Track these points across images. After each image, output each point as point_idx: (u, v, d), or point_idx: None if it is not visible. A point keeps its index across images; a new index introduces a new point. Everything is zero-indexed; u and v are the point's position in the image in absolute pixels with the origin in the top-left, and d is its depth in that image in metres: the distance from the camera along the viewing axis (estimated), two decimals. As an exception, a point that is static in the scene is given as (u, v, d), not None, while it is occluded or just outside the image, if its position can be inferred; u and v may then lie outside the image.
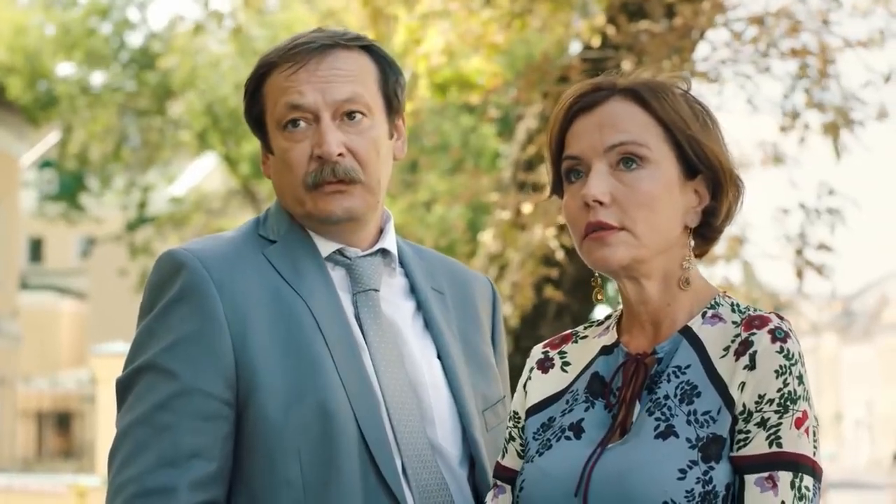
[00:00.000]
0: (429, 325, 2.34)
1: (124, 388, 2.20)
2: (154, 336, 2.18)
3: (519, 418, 2.25)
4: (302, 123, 2.25)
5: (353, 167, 2.25)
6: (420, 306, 2.35)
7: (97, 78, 24.98)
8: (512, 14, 7.28)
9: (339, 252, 2.30)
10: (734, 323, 2.09)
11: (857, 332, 76.48)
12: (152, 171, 25.90)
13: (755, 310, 2.10)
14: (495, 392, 2.39)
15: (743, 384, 2.04)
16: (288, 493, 2.13)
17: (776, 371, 2.02)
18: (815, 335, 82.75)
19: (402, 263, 2.39)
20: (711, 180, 2.13)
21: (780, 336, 2.04)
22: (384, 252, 2.34)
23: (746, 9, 7.24)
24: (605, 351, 2.20)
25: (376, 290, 2.29)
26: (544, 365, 2.27)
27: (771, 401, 2.01)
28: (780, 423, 2.00)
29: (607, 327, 2.25)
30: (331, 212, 2.25)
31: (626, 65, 6.82)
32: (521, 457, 2.22)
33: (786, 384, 2.01)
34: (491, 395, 2.37)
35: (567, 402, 2.20)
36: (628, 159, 2.09)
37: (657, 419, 2.07)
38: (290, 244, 2.27)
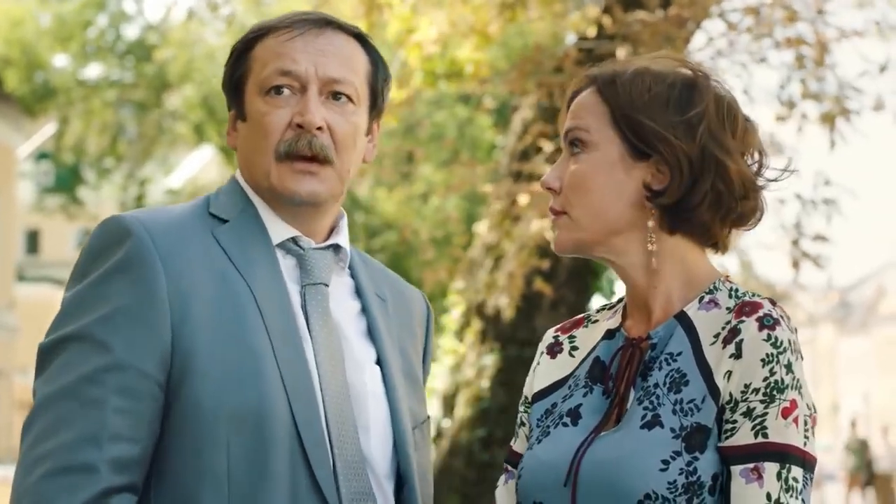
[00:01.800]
0: (371, 329, 2.23)
1: (48, 355, 2.04)
2: (87, 304, 2.04)
3: (529, 403, 2.24)
4: (286, 91, 2.15)
5: (329, 145, 2.15)
6: (364, 309, 2.24)
7: (93, 70, 24.99)
8: (504, 4, 7.27)
9: (293, 240, 2.18)
10: (727, 309, 2.07)
11: (853, 324, 76.54)
12: (149, 163, 25.89)
13: (753, 295, 2.08)
14: (423, 411, 2.28)
15: (729, 373, 2.01)
16: (212, 486, 2.00)
17: (762, 360, 1.99)
18: (811, 326, 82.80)
19: (349, 265, 2.28)
20: (666, 162, 2.08)
21: (768, 324, 2.01)
22: (336, 248, 2.23)
23: (742, -1, 7.24)
24: (608, 335, 2.19)
25: (326, 285, 2.17)
26: (553, 350, 2.26)
27: (756, 390, 1.99)
28: (766, 413, 1.97)
29: (616, 311, 2.23)
30: (294, 191, 2.14)
31: (621, 54, 6.81)
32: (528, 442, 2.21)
33: (772, 373, 1.98)
34: (419, 414, 2.25)
35: (569, 387, 2.19)
36: (573, 144, 2.13)
37: (645, 408, 2.06)
38: (242, 226, 2.15)
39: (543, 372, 2.25)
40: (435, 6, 7.24)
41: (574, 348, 2.24)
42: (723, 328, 2.05)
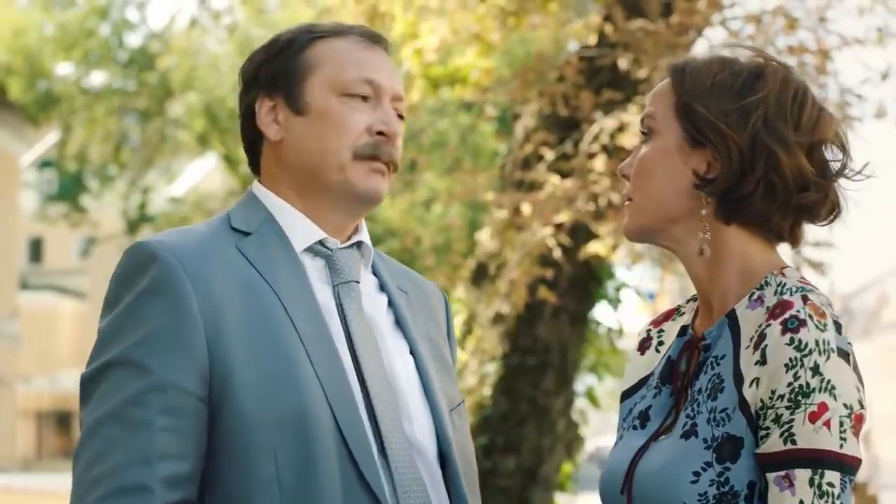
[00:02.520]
0: (399, 321, 2.31)
1: (90, 384, 2.11)
2: (123, 330, 2.10)
3: (621, 402, 2.25)
4: (367, 99, 2.25)
5: (397, 153, 2.28)
6: (390, 303, 2.32)
7: (96, 78, 25.02)
8: (506, 12, 7.28)
9: (321, 243, 2.25)
10: (767, 308, 2.02)
11: (856, 331, 76.45)
12: (152, 172, 25.91)
13: (795, 291, 2.02)
14: (457, 394, 2.36)
15: (757, 380, 1.98)
16: (263, 491, 2.06)
17: (786, 365, 1.95)
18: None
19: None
20: (719, 150, 2.07)
21: (791, 326, 1.96)
22: (360, 245, 2.31)
23: (744, 7, 7.25)
24: (682, 332, 2.18)
25: (357, 282, 2.26)
26: (644, 345, 2.26)
27: (782, 396, 1.94)
28: (793, 420, 1.94)
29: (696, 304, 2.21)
30: (369, 188, 2.23)
31: (623, 63, 6.83)
32: None
33: (796, 377, 1.94)
34: (454, 397, 2.32)
35: (647, 386, 2.20)
36: (644, 132, 2.16)
37: (687, 416, 2.05)
38: (264, 237, 2.22)
39: (631, 369, 2.27)
40: (437, 14, 7.25)
41: (661, 343, 2.24)
42: (756, 331, 2.02)
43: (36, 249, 45.64)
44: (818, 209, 2.11)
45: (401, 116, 2.31)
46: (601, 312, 8.51)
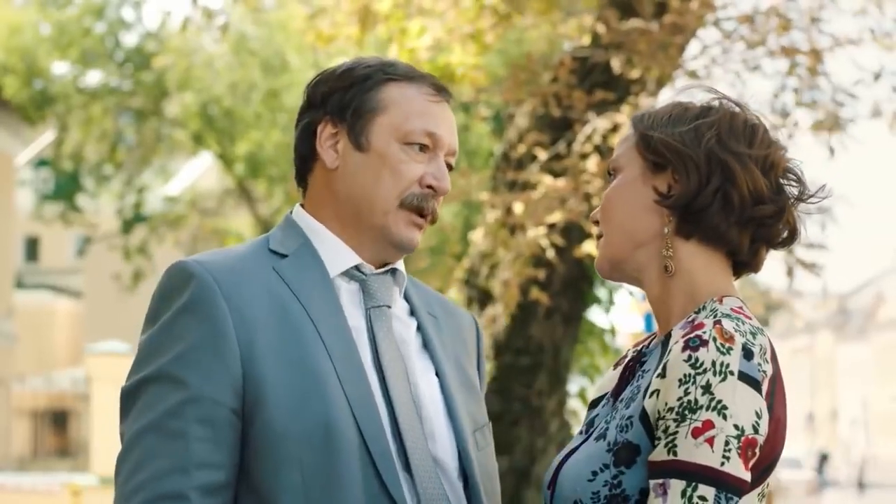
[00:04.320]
0: (426, 344, 2.40)
1: (130, 398, 2.24)
2: (161, 346, 2.22)
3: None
4: (425, 150, 2.34)
5: (439, 206, 2.38)
6: (419, 327, 2.41)
7: (92, 77, 25.00)
8: (499, 14, 7.28)
9: (356, 268, 2.34)
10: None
11: (852, 331, 76.55)
12: (147, 171, 25.90)
13: (716, 315, 2.10)
14: (482, 416, 2.44)
15: (657, 392, 2.07)
16: (291, 500, 2.17)
17: (679, 380, 2.03)
18: (810, 333, 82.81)
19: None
20: (677, 168, 2.17)
21: (693, 345, 2.04)
22: (394, 272, 2.40)
23: (737, 7, 7.26)
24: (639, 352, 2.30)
25: (389, 307, 2.35)
26: (619, 362, 2.36)
27: (671, 409, 2.03)
28: (677, 432, 2.02)
29: None
30: (407, 238, 2.33)
31: (616, 63, 6.83)
32: None
33: (686, 393, 2.02)
34: (479, 418, 2.41)
35: (605, 399, 2.31)
36: (609, 173, 2.29)
37: (606, 421, 2.18)
38: (300, 260, 2.32)
39: (601, 382, 2.38)
40: (429, 14, 7.25)
41: (630, 360, 2.33)
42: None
43: (32, 248, 45.60)
44: (776, 226, 2.19)
45: (450, 167, 2.39)
46: (594, 312, 8.51)
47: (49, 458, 29.89)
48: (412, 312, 2.42)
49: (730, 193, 2.14)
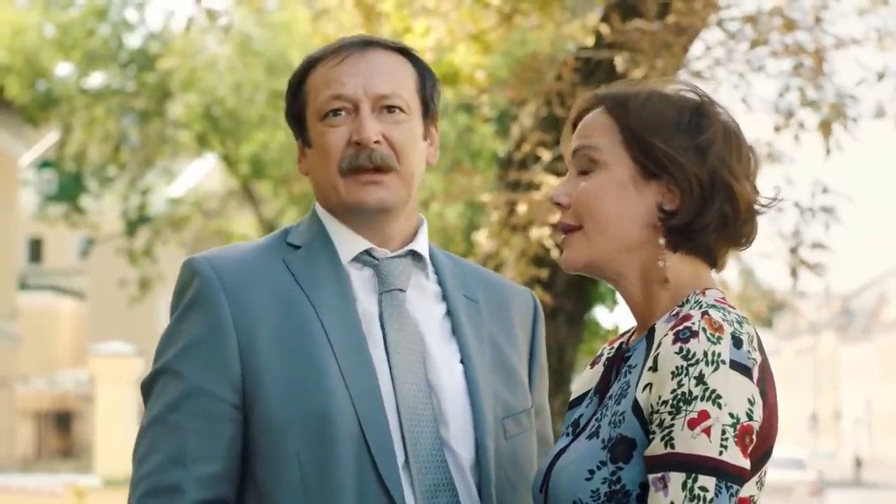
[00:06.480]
0: (456, 330, 2.37)
1: (145, 390, 2.30)
2: (170, 341, 2.28)
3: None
4: (342, 113, 2.32)
5: (389, 154, 2.31)
6: (449, 312, 2.39)
7: (96, 79, 25.00)
8: (502, 14, 7.29)
9: (368, 252, 2.34)
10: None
11: (855, 331, 76.53)
12: (151, 172, 25.90)
13: (702, 306, 2.10)
14: (520, 402, 2.40)
15: (650, 385, 2.06)
16: (290, 494, 2.19)
17: (672, 372, 2.03)
18: (813, 334, 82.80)
19: (435, 270, 2.43)
20: (677, 183, 2.16)
21: (683, 336, 2.04)
22: (414, 254, 2.38)
23: (741, 8, 7.26)
24: (618, 348, 2.28)
25: (402, 291, 2.33)
26: (595, 361, 2.35)
27: (665, 402, 2.03)
28: (673, 425, 2.02)
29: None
30: (363, 200, 2.31)
31: (620, 63, 6.83)
32: None
33: (680, 385, 2.01)
34: (514, 404, 2.38)
35: (587, 398, 2.28)
36: (583, 162, 2.22)
37: (596, 419, 2.16)
38: (312, 250, 2.34)
39: (580, 382, 2.35)
40: (433, 14, 7.25)
41: (608, 359, 2.31)
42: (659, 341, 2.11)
43: (35, 250, 45.65)
44: (751, 236, 2.22)
45: (396, 109, 2.33)
46: (598, 313, 8.52)
47: (53, 459, 29.91)
48: (444, 296, 2.40)
49: (727, 212, 2.15)
